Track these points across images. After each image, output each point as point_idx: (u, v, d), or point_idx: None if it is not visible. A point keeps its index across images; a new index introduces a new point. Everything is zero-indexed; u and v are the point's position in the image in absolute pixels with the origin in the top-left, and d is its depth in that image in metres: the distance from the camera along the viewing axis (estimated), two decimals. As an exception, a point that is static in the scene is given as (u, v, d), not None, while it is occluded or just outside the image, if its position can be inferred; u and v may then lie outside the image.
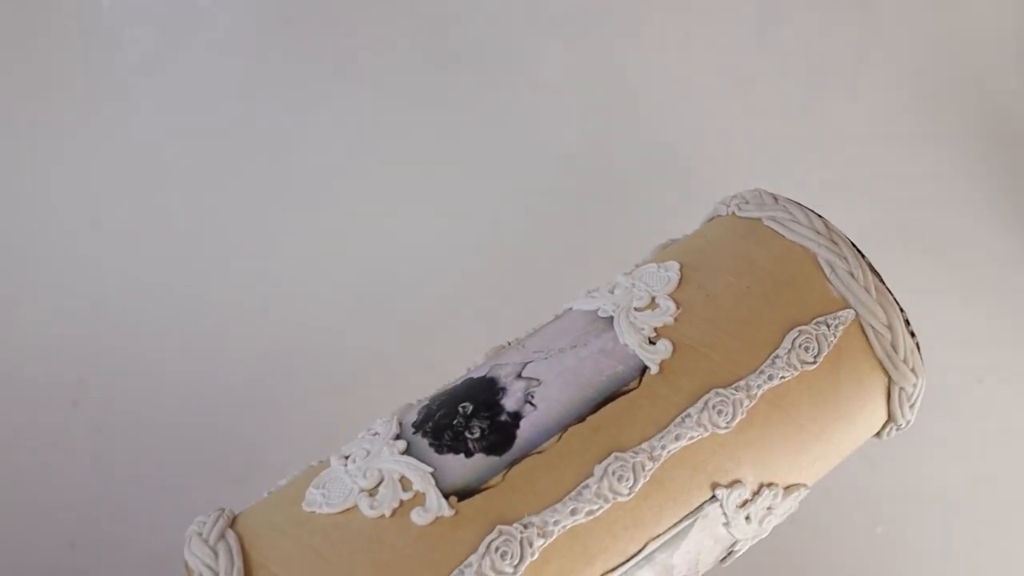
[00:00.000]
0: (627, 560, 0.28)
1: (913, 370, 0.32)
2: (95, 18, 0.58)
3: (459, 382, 0.32)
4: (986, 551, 0.48)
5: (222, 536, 0.28)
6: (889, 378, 0.32)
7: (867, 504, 0.48)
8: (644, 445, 0.29)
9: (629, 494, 0.28)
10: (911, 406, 0.33)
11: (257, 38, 0.58)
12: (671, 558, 0.29)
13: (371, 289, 0.52)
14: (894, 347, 0.32)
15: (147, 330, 0.50)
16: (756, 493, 0.30)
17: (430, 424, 0.30)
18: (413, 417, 0.31)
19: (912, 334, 0.33)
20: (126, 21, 0.58)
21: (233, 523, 0.29)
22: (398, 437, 0.30)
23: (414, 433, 0.30)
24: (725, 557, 0.32)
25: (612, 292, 0.33)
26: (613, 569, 0.28)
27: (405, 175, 0.55)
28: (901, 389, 0.32)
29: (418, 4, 0.59)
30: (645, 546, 0.29)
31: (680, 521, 0.29)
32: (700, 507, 0.29)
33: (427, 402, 0.32)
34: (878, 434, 0.34)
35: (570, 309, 0.34)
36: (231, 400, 0.48)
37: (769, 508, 0.31)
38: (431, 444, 0.29)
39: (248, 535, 0.28)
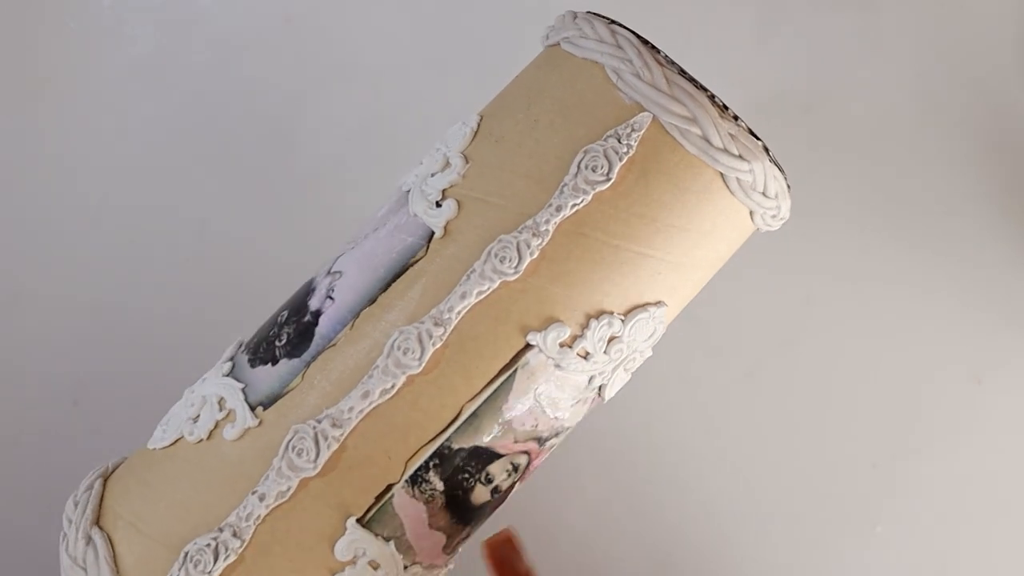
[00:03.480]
0: (445, 428, 0.28)
1: (741, 156, 0.28)
2: (95, 18, 0.58)
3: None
4: (986, 551, 0.48)
5: (91, 486, 0.30)
6: (718, 172, 0.28)
7: (867, 504, 0.48)
8: (432, 312, 0.28)
9: (419, 366, 0.27)
10: (763, 193, 0.29)
11: (257, 38, 0.58)
12: (501, 415, 0.28)
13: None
14: (707, 139, 0.28)
15: (148, 329, 0.50)
16: (584, 327, 0.28)
17: (253, 340, 0.30)
18: (249, 337, 0.31)
19: (735, 118, 0.28)
20: (126, 21, 0.58)
21: (114, 471, 0.31)
22: (230, 359, 0.31)
23: (242, 352, 0.31)
24: (598, 393, 0.30)
25: (422, 162, 0.31)
26: (433, 439, 0.28)
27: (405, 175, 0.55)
28: (738, 180, 0.28)
29: (420, 3, 0.59)
30: (461, 411, 0.28)
31: (495, 378, 0.28)
32: (517, 357, 0.28)
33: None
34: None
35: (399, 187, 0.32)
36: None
37: (612, 338, 0.28)
38: (249, 360, 0.30)
39: (112, 481, 0.30)
